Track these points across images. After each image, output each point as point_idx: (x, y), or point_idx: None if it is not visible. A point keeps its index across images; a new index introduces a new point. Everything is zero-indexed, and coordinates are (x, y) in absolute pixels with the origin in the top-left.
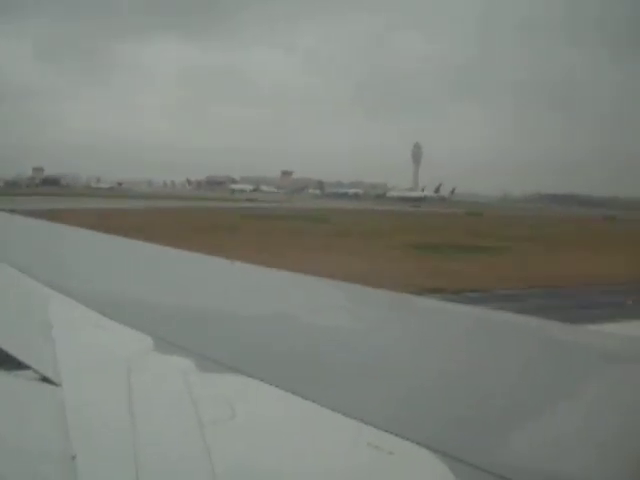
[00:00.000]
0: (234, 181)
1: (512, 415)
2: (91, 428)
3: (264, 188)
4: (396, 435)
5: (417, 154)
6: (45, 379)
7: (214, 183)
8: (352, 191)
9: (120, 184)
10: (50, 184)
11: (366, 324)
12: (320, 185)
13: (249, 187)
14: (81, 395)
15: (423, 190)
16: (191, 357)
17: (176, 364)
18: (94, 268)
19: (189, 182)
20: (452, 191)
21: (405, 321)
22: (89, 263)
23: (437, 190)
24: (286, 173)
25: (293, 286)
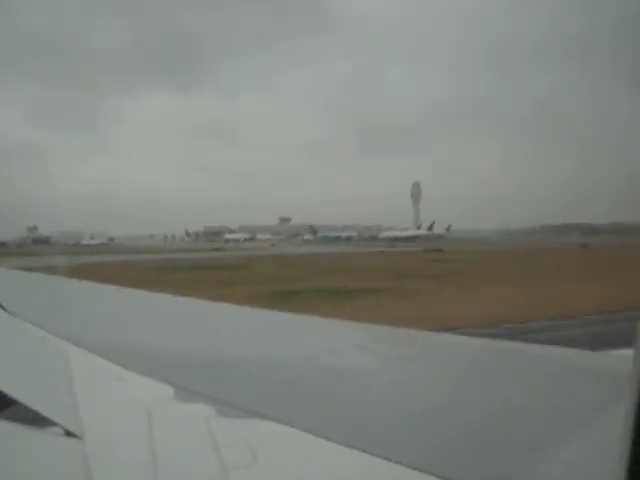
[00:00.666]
0: (230, 231)
1: (534, 447)
2: (116, 478)
3: (259, 236)
4: (420, 471)
5: (416, 193)
6: (69, 433)
7: (211, 234)
8: (345, 234)
9: (112, 239)
10: (41, 243)
11: (378, 362)
12: (312, 230)
13: (243, 236)
14: (104, 447)
15: (419, 228)
16: (211, 404)
17: (197, 411)
18: (106, 320)
19: (187, 234)
20: (447, 228)
21: (415, 356)
22: (100, 315)
23: (430, 228)
24: (284, 220)
25: (306, 329)
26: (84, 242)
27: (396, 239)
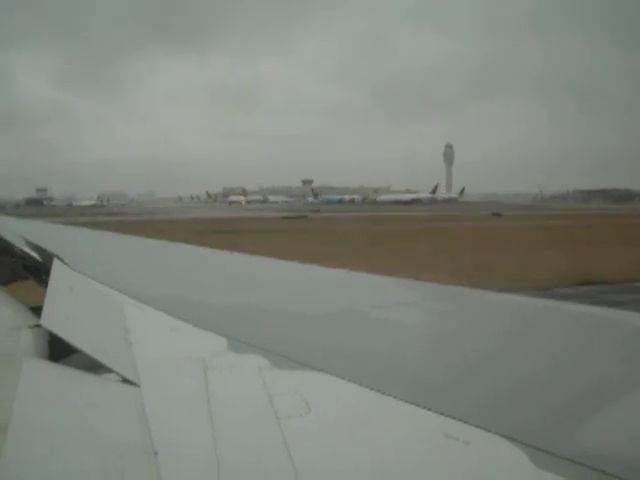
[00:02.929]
0: (244, 193)
1: (589, 403)
2: (171, 425)
3: (272, 198)
4: (471, 425)
5: (449, 154)
6: (126, 380)
7: (229, 195)
8: (347, 197)
9: (102, 201)
10: (33, 204)
11: (435, 318)
12: (313, 193)
13: (244, 199)
14: (160, 394)
15: (433, 193)
16: (266, 355)
17: (251, 362)
18: (161, 274)
19: (208, 195)
20: (461, 191)
21: (478, 314)
22: (155, 269)
23: (433, 191)
24: (306, 182)
25: (361, 285)
26: (75, 204)
27: (396, 202)
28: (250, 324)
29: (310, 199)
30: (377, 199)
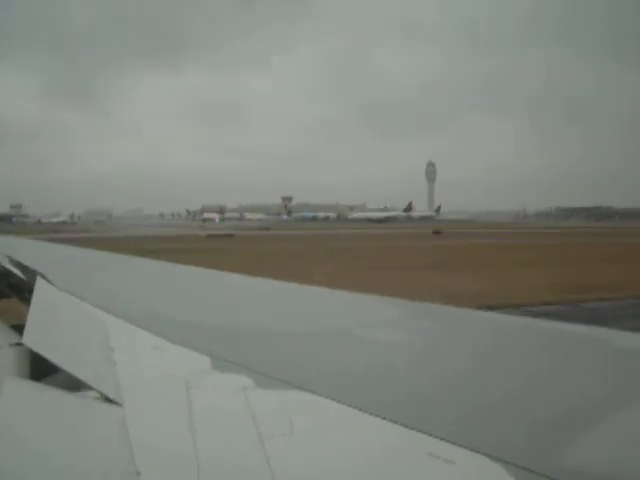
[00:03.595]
0: (221, 210)
1: (574, 421)
2: (153, 445)
3: (249, 216)
4: (454, 444)
5: (431, 172)
6: (108, 399)
7: (218, 213)
8: (322, 215)
9: (72, 218)
10: (1, 220)
11: (420, 337)
12: (286, 210)
13: (217, 216)
14: (143, 414)
15: (411, 209)
16: (250, 374)
17: (235, 381)
18: (144, 292)
19: (188, 212)
20: (437, 209)
21: (464, 333)
22: (139, 287)
23: (407, 209)
24: (286, 199)
25: (347, 303)
26: (45, 220)
27: (369, 220)
28: (234, 343)
29: (285, 217)
30: (349, 217)
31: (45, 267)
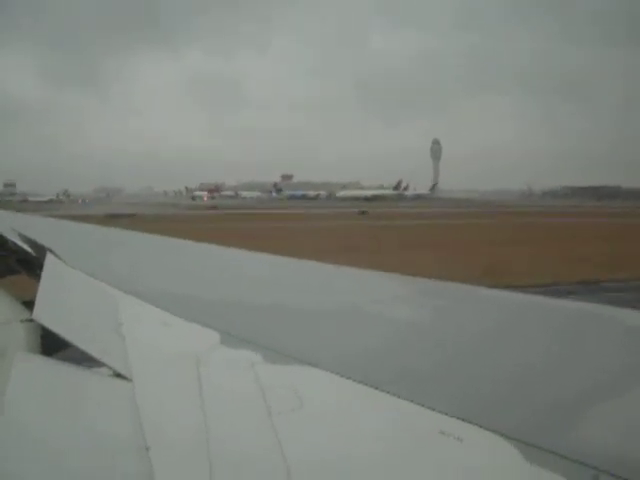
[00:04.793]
0: (217, 188)
1: (584, 400)
2: (163, 420)
3: (245, 194)
4: (464, 421)
5: (436, 150)
6: (118, 375)
7: (212, 191)
8: (312, 193)
9: (66, 194)
10: None
11: (429, 314)
12: (276, 188)
13: (205, 194)
14: (152, 389)
15: (395, 189)
16: (258, 350)
17: (244, 356)
18: (153, 268)
19: (187, 190)
20: (432, 188)
21: (474, 311)
22: (148, 264)
23: (396, 187)
24: (286, 177)
25: (355, 280)
26: (32, 199)
27: (356, 198)
28: (243, 319)
29: (274, 195)
30: (337, 195)
31: (55, 244)
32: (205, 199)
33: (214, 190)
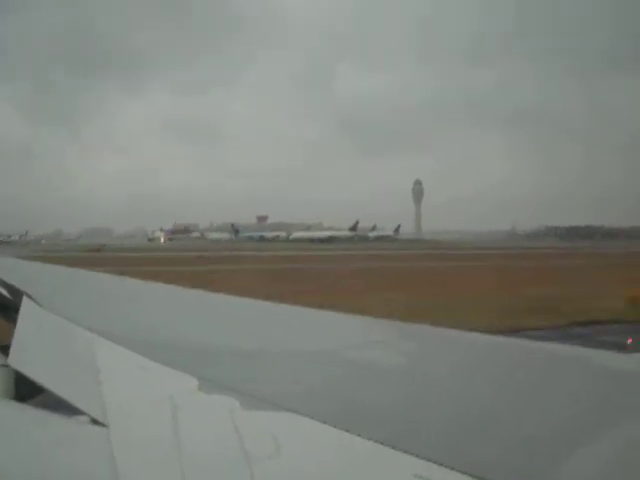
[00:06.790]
0: (186, 229)
1: (558, 443)
2: (139, 468)
3: (213, 235)
4: (441, 465)
5: (418, 191)
6: (94, 421)
7: (176, 231)
8: (271, 234)
9: (10, 236)
10: None
11: (408, 359)
12: (233, 229)
13: (163, 235)
14: (128, 436)
15: (351, 230)
16: (237, 396)
17: (222, 402)
18: (131, 312)
19: (162, 230)
20: (396, 229)
21: (453, 354)
22: (125, 307)
23: (353, 228)
24: (261, 218)
25: (334, 324)
26: None
27: (311, 240)
28: (222, 364)
29: (233, 236)
30: (290, 237)
31: (32, 287)
32: (162, 240)
33: (182, 231)
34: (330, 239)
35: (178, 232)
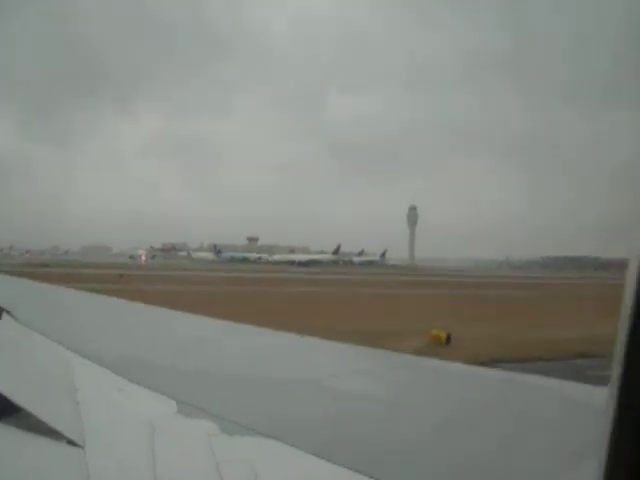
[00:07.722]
0: (173, 248)
1: (538, 470)
2: None
3: (200, 255)
4: None
5: (413, 216)
6: (70, 442)
7: (165, 250)
8: (252, 255)
9: (9, 249)
10: None
11: (386, 387)
12: (215, 250)
13: (144, 252)
14: (104, 458)
15: (350, 255)
16: (215, 421)
17: (200, 427)
18: (111, 332)
19: (151, 249)
20: (382, 254)
21: (430, 383)
22: (106, 327)
23: (335, 252)
24: (251, 239)
25: (315, 351)
26: None
27: (291, 263)
28: (200, 388)
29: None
30: (270, 259)
31: (11, 304)
32: (143, 259)
33: (168, 250)
34: (310, 262)
35: (165, 250)
